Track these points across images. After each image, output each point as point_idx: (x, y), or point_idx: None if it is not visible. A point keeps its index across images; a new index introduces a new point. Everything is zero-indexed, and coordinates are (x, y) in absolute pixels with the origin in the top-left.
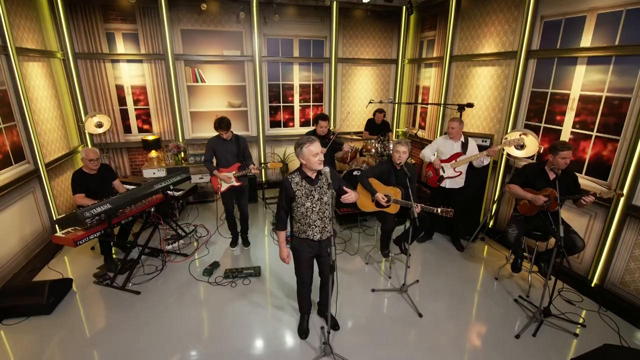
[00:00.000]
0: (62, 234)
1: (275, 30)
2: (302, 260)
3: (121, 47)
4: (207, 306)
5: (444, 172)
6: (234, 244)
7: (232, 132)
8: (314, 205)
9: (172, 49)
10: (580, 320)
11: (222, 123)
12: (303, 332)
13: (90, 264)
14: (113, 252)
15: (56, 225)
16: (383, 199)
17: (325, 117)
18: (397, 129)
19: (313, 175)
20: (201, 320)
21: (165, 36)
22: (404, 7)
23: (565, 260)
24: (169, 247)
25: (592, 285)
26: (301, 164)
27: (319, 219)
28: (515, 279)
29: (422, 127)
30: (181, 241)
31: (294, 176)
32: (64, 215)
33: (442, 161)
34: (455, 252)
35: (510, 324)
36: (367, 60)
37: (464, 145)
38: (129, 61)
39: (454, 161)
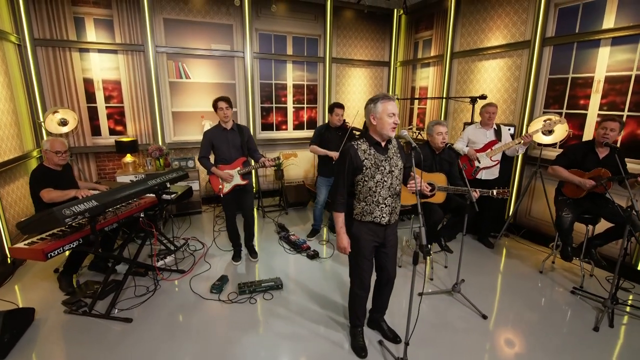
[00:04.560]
0: (25, 244)
1: (269, 25)
2: (365, 253)
3: (92, 34)
4: (226, 330)
5: (479, 162)
6: (237, 257)
7: (233, 120)
8: (385, 179)
9: (153, 39)
10: None
11: (222, 98)
12: (361, 349)
13: (53, 292)
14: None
15: (14, 233)
16: (427, 187)
17: (341, 105)
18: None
19: (383, 143)
20: (224, 350)
21: (145, 25)
22: (395, 10)
23: (635, 239)
24: (160, 263)
25: (639, 268)
26: (368, 129)
27: (389, 196)
28: (560, 270)
29: (420, 129)
30: (173, 256)
31: (360, 143)
32: (29, 217)
33: (476, 151)
34: (485, 250)
35: (576, 317)
36: (360, 61)
37: (497, 133)
38: (100, 51)
39: (489, 150)
